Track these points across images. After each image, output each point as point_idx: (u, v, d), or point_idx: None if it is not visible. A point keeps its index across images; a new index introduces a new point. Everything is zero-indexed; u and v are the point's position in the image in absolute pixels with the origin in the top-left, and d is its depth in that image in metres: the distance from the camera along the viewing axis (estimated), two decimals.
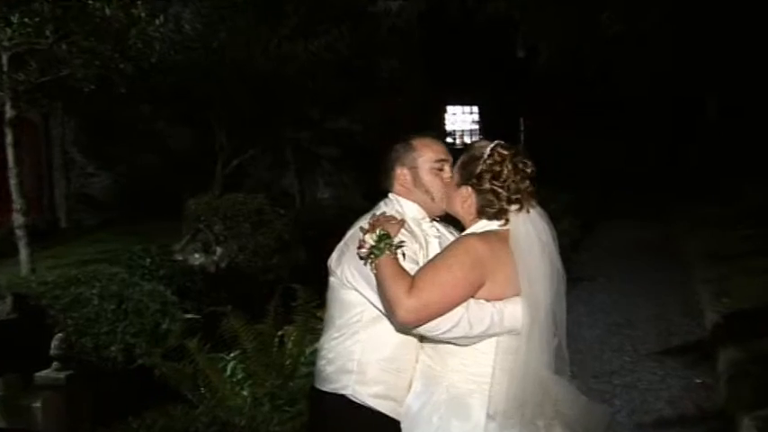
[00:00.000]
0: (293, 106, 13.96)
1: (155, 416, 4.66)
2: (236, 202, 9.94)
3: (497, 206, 2.76)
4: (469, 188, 2.80)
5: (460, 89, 21.63)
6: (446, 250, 2.74)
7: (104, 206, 15.61)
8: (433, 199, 2.98)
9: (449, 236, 3.01)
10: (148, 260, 8.33)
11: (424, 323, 2.61)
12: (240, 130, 13.39)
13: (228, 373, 5.15)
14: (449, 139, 22.16)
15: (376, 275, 2.69)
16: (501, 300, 2.67)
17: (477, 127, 24.95)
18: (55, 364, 3.06)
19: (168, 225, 10.59)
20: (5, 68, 8.78)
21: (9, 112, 9.10)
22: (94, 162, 15.99)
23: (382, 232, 2.73)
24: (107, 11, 8.66)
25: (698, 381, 6.27)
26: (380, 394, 2.82)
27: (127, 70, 9.29)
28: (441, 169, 3.00)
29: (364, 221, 2.88)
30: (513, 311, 2.68)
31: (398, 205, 3.01)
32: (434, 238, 2.99)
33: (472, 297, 2.65)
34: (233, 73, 12.33)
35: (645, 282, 9.86)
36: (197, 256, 9.44)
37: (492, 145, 2.80)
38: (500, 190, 2.74)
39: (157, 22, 9.30)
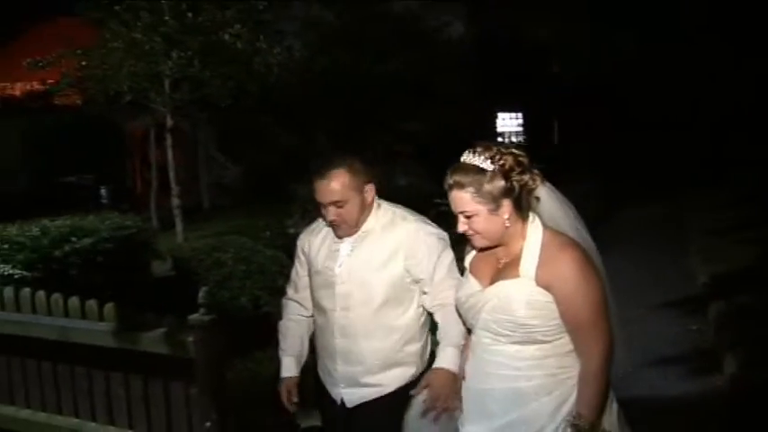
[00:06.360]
0: (376, 115, 14.01)
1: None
2: None
3: (531, 194, 2.15)
4: (507, 201, 2.13)
5: (508, 98, 21.32)
6: (582, 281, 2.14)
7: (235, 192, 15.94)
8: None
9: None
10: (268, 233, 8.33)
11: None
12: (336, 134, 13.54)
13: None
14: (499, 139, 21.81)
15: None
16: None
17: (521, 129, 24.51)
18: (201, 310, 3.22)
19: (282, 206, 10.74)
20: (168, 90, 9.13)
21: (169, 123, 9.47)
22: (228, 159, 16.37)
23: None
24: (238, 45, 8.93)
25: (693, 327, 6.21)
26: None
27: (252, 89, 9.52)
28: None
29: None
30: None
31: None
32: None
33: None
34: (331, 90, 12.47)
35: (649, 252, 9.48)
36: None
37: (485, 153, 2.13)
38: (524, 177, 2.14)
39: (275, 51, 9.50)
